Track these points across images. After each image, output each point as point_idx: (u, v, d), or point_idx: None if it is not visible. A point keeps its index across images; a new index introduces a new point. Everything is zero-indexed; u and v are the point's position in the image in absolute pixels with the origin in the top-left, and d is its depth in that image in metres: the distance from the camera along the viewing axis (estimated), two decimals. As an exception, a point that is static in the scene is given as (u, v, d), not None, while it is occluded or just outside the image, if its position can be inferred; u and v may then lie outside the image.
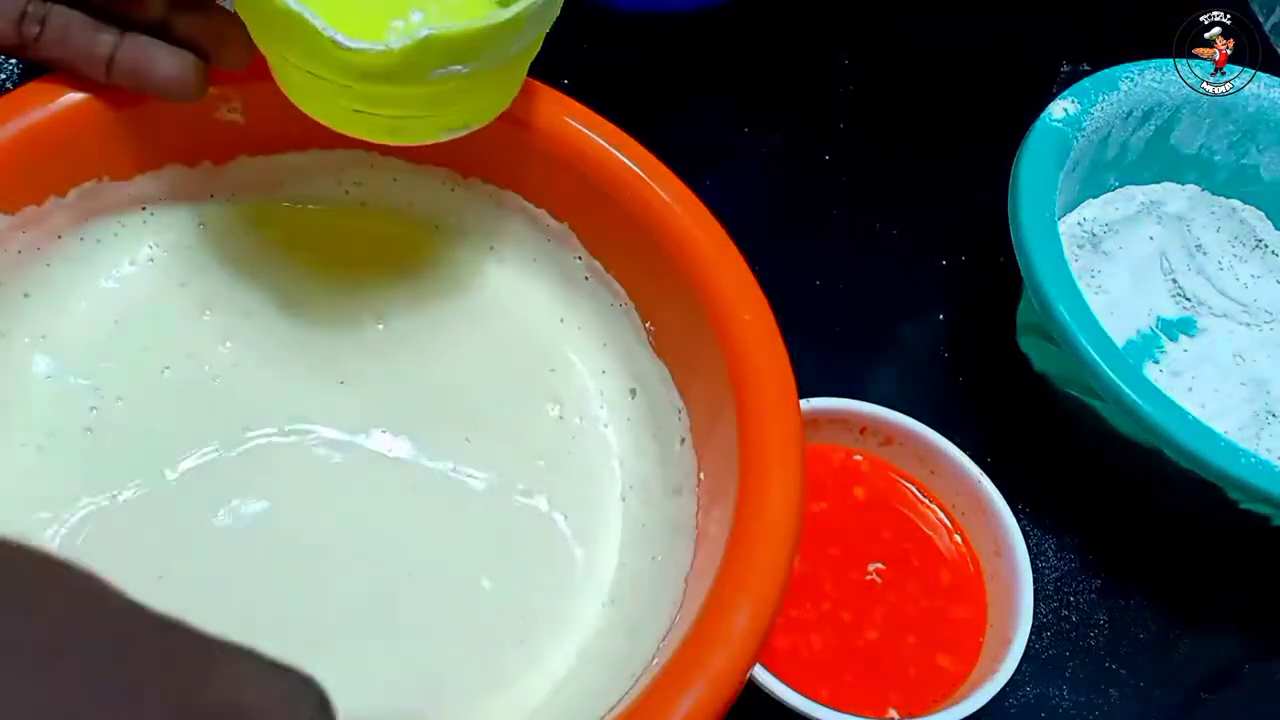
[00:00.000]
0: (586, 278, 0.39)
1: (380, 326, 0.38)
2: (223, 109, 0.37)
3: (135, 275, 0.37)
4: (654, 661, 0.31)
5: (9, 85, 0.50)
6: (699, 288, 0.35)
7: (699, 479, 0.35)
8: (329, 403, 0.36)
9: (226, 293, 0.38)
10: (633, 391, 0.38)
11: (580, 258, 0.39)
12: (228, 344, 0.37)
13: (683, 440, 0.36)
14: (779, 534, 0.30)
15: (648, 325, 0.38)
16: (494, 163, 0.39)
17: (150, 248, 0.38)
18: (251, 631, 0.20)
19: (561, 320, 0.39)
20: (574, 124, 0.37)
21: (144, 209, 0.38)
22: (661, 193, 0.36)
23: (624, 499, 0.37)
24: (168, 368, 0.36)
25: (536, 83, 0.37)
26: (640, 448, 0.37)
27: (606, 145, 0.36)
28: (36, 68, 0.34)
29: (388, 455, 0.36)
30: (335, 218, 0.40)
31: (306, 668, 0.20)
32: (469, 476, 0.36)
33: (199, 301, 0.37)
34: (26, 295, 0.36)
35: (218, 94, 0.36)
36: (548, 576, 0.35)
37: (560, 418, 0.38)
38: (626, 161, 0.36)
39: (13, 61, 0.50)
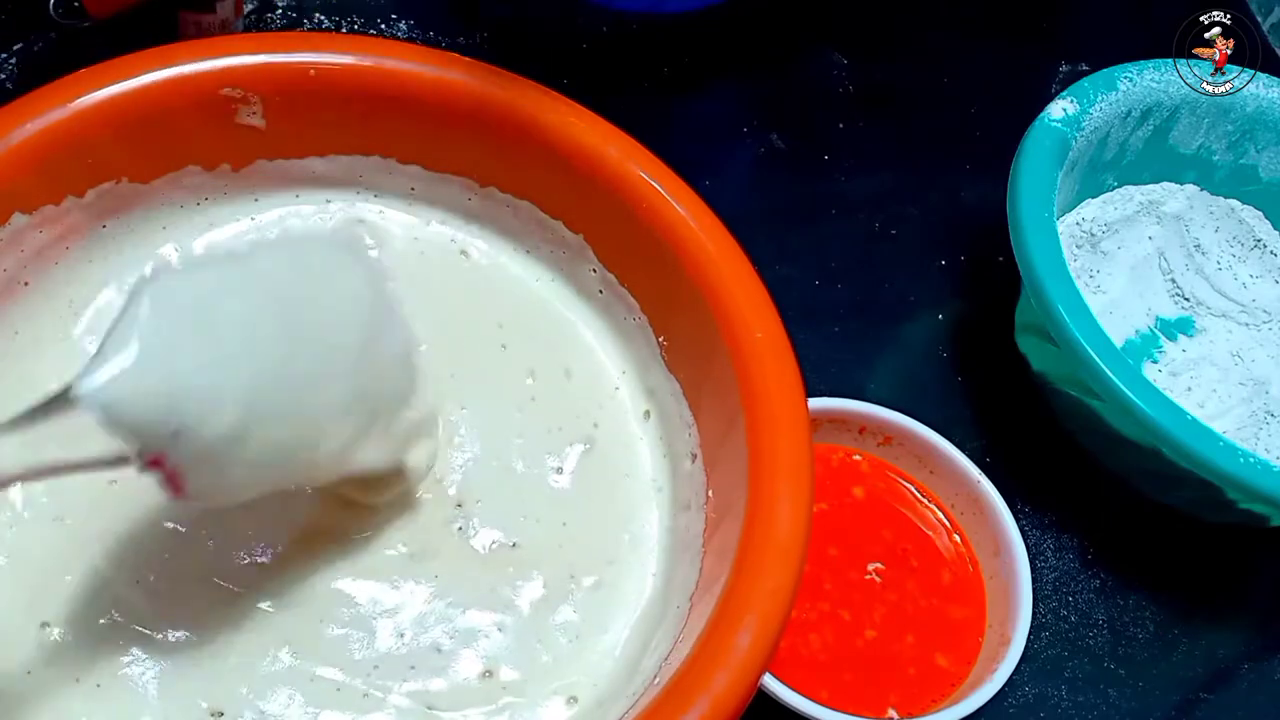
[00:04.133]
0: (601, 291, 0.39)
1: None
2: (243, 112, 0.37)
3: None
4: (655, 680, 0.31)
5: (9, 85, 0.50)
6: (712, 303, 0.35)
7: (708, 496, 0.35)
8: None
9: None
10: (647, 413, 0.38)
11: (595, 270, 0.39)
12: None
13: (694, 457, 0.36)
14: (786, 554, 0.30)
15: (660, 339, 0.38)
16: (511, 172, 0.39)
17: (169, 248, 0.38)
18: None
19: (578, 334, 0.39)
20: (591, 135, 0.37)
21: (162, 210, 0.38)
22: (677, 206, 0.36)
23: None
24: None
25: (553, 92, 0.37)
26: (654, 464, 0.37)
27: (623, 158, 0.37)
28: (36, 68, 0.34)
29: None
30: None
31: None
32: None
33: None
34: (52, 298, 0.36)
35: (239, 97, 0.36)
36: None
37: (572, 433, 0.38)
38: (642, 174, 0.36)
39: (13, 61, 0.50)
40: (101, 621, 0.31)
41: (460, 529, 0.35)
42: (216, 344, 0.26)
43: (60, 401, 0.25)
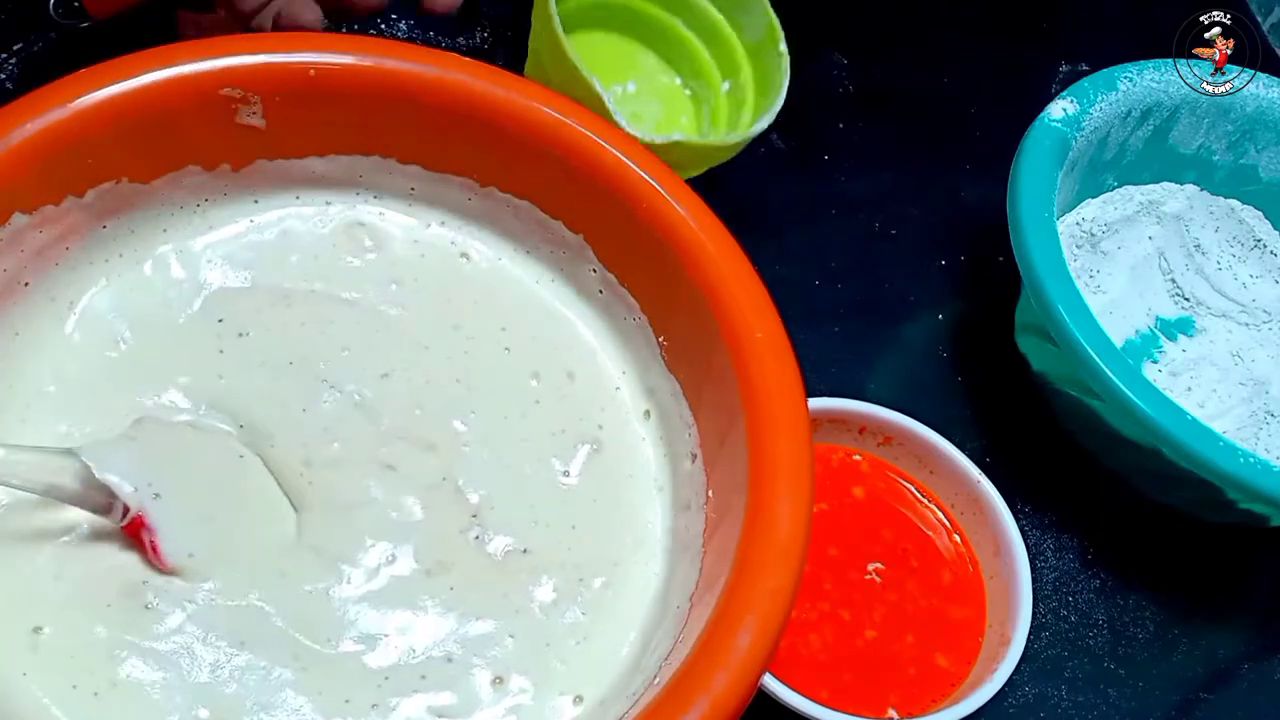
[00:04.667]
0: (601, 291, 0.39)
1: (400, 329, 0.38)
2: (243, 112, 0.37)
3: (153, 276, 0.37)
4: (655, 680, 0.31)
5: (9, 85, 0.50)
6: (712, 303, 0.35)
7: (708, 496, 0.35)
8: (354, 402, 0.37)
9: (242, 296, 0.38)
10: (647, 413, 0.38)
11: (595, 270, 0.39)
12: (237, 343, 0.37)
13: (694, 457, 0.36)
14: (786, 554, 0.30)
15: (660, 339, 0.38)
16: (511, 172, 0.39)
17: (169, 249, 0.38)
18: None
19: (579, 335, 0.39)
20: (590, 135, 0.37)
21: (162, 210, 0.38)
22: (677, 206, 0.36)
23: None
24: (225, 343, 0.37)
25: (553, 92, 0.37)
26: (655, 464, 0.37)
27: (622, 157, 0.37)
28: (36, 68, 0.34)
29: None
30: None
31: None
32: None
33: (218, 303, 0.37)
34: (53, 299, 0.36)
35: (239, 97, 0.36)
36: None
37: (577, 434, 0.38)
38: (642, 174, 0.36)
39: (13, 61, 0.50)
40: (98, 629, 0.31)
41: (477, 538, 0.35)
42: (191, 458, 0.34)
43: (64, 451, 0.31)
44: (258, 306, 0.38)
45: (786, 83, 0.48)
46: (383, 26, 0.56)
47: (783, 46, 0.48)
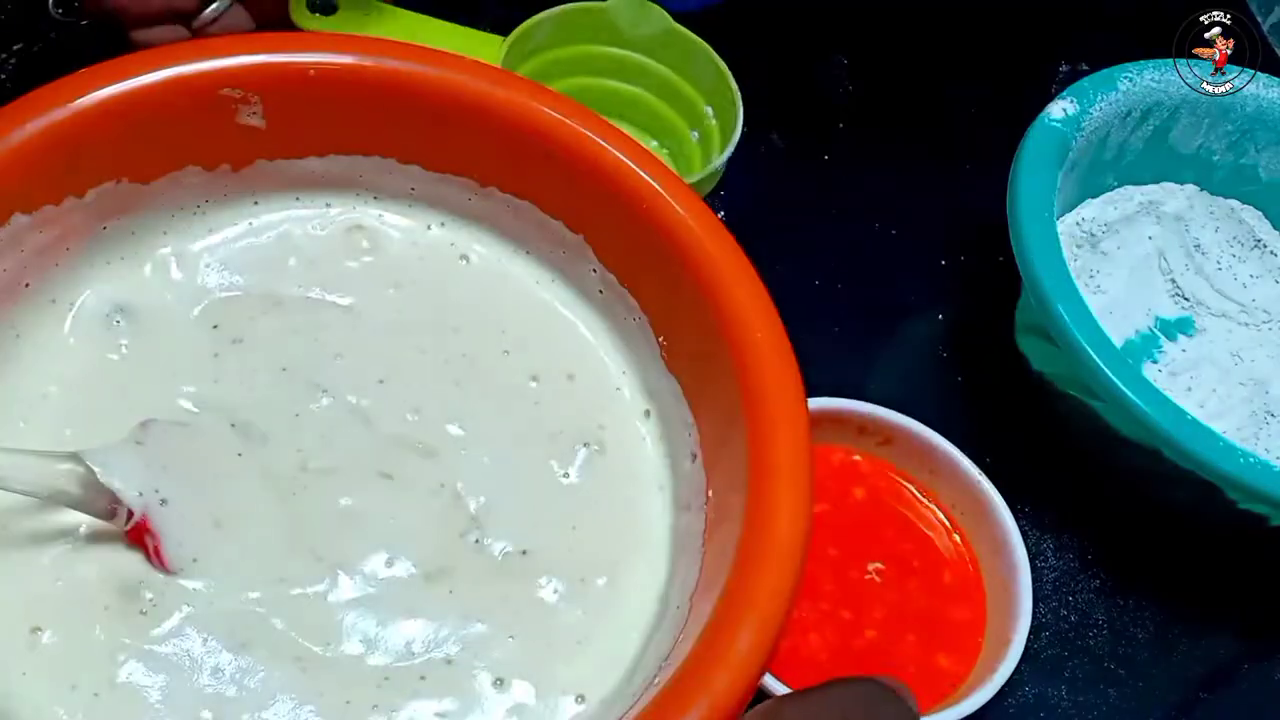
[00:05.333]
0: (601, 291, 0.39)
1: (397, 332, 0.38)
2: (243, 112, 0.37)
3: (152, 278, 0.37)
4: (655, 680, 0.31)
5: (8, 85, 0.50)
6: (712, 303, 0.35)
7: (708, 495, 0.35)
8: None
9: (237, 302, 0.38)
10: (647, 413, 0.38)
11: (595, 271, 0.39)
12: (236, 351, 0.37)
13: (694, 457, 0.36)
14: (786, 554, 0.30)
15: (660, 339, 0.38)
16: (512, 172, 0.39)
17: (168, 251, 0.38)
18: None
19: (579, 336, 0.39)
20: (590, 135, 0.37)
21: (162, 212, 0.38)
22: (677, 206, 0.36)
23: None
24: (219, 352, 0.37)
25: (553, 92, 0.37)
26: (655, 464, 0.37)
27: (622, 157, 0.37)
28: (32, 67, 0.34)
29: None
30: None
31: None
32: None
33: (214, 308, 0.37)
34: (54, 301, 0.36)
35: (239, 97, 0.36)
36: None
37: (577, 435, 0.38)
38: (642, 174, 0.36)
39: (13, 62, 0.50)
40: (96, 631, 0.31)
41: (476, 541, 0.35)
42: (195, 462, 0.34)
43: (68, 455, 0.31)
44: (252, 312, 0.38)
45: (741, 117, 0.51)
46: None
47: (733, 84, 0.52)
